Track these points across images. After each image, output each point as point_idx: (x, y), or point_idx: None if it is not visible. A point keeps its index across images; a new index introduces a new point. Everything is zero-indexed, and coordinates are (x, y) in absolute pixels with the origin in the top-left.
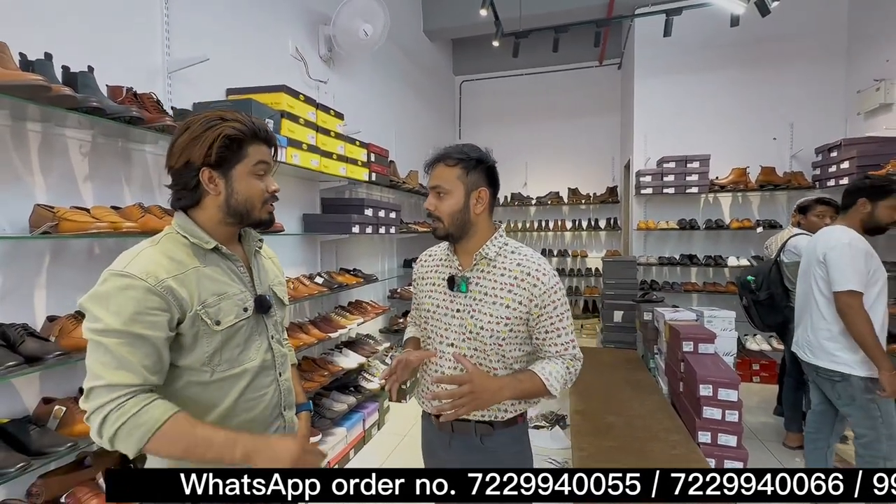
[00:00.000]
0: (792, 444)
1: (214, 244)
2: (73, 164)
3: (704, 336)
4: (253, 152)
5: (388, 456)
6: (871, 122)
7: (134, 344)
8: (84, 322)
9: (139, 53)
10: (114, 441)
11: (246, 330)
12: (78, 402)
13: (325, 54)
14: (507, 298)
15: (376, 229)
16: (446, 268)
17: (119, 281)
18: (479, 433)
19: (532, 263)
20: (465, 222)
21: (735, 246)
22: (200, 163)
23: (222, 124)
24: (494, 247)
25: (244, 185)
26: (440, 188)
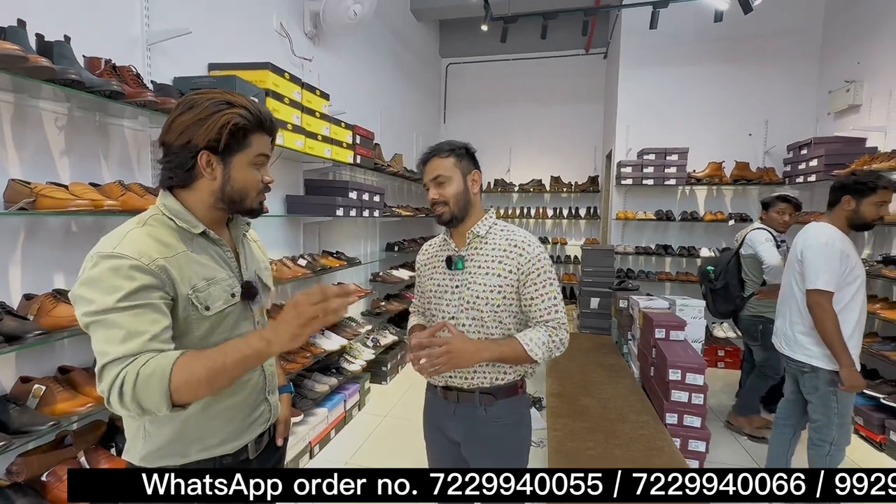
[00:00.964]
0: (733, 423)
1: (203, 229)
2: (49, 137)
3: (675, 323)
4: (256, 143)
5: (368, 436)
6: (841, 121)
7: (138, 312)
8: (78, 310)
9: (116, 23)
10: (140, 401)
11: (233, 316)
12: (57, 381)
13: (311, 31)
14: (497, 268)
15: (360, 212)
16: (444, 251)
17: (110, 262)
18: (482, 402)
19: (518, 237)
20: (467, 203)
21: (708, 237)
22: (203, 145)
23: (231, 110)
24: (485, 225)
25: (242, 175)
26: (441, 176)
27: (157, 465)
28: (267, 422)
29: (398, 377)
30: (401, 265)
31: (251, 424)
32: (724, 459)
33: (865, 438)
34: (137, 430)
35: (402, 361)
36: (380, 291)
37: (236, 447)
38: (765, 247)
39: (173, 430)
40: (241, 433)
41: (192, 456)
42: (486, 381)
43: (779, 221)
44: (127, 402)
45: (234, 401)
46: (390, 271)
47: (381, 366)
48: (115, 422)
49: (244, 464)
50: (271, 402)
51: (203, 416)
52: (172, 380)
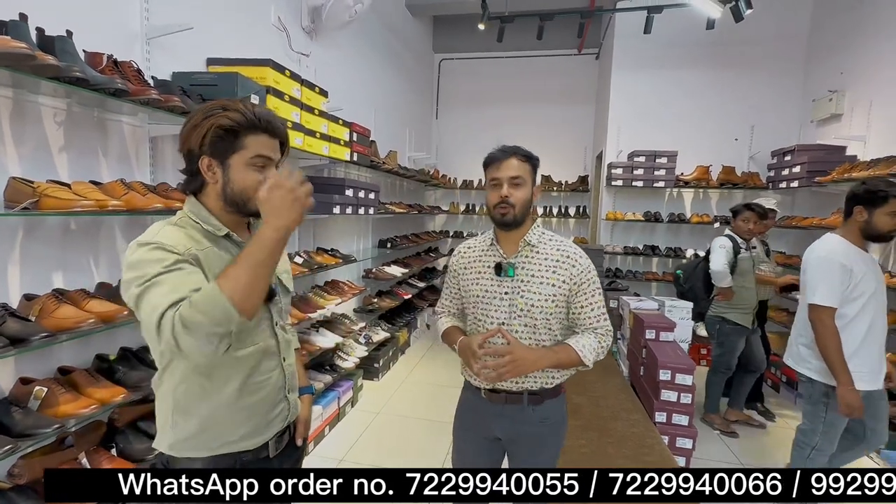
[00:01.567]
0: (731, 418)
1: (226, 231)
2: (48, 134)
3: (666, 325)
4: (252, 144)
5: (362, 432)
6: (823, 129)
7: (180, 273)
8: (127, 292)
9: (116, 17)
10: (207, 317)
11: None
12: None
13: (308, 26)
14: (552, 278)
15: (356, 210)
16: (490, 257)
17: (149, 247)
18: (530, 403)
19: (569, 248)
20: (528, 212)
21: (694, 239)
22: (199, 151)
23: (220, 114)
24: (535, 235)
25: (240, 176)
26: (519, 178)
27: (184, 454)
28: (286, 420)
29: (390, 374)
30: (393, 262)
31: (271, 422)
32: (710, 456)
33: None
34: (166, 420)
35: (395, 358)
36: (372, 288)
37: (256, 444)
38: (716, 253)
39: (199, 422)
40: (260, 430)
41: (216, 450)
42: (535, 386)
43: (744, 229)
44: (192, 327)
45: (256, 398)
46: (383, 268)
47: (373, 362)
48: (114, 422)
49: (264, 462)
50: (290, 400)
51: (226, 411)
52: (224, 290)
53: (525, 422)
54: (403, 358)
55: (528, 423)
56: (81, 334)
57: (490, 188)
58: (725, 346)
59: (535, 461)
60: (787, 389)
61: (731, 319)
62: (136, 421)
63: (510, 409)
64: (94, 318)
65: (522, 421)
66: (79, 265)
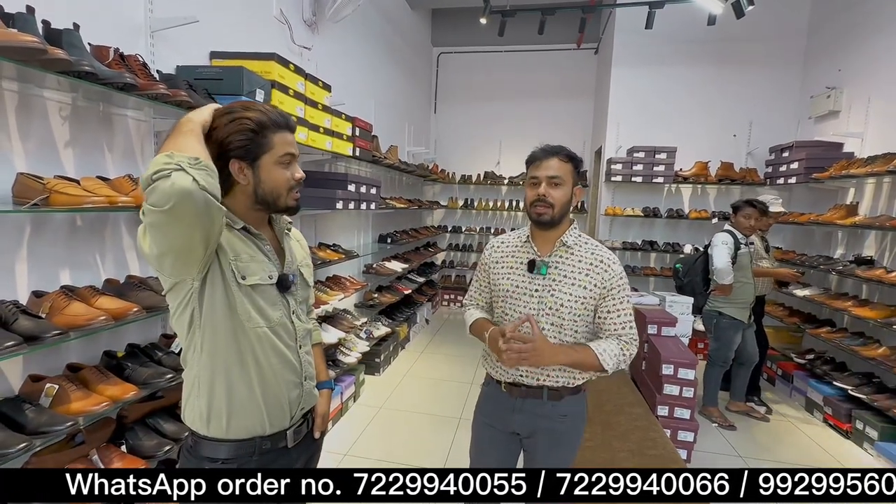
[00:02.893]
0: (733, 409)
1: (243, 224)
2: (53, 128)
3: (667, 320)
4: (279, 143)
5: (365, 426)
6: (821, 126)
7: None
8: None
9: (119, 9)
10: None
11: (267, 297)
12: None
13: (310, 18)
14: (584, 281)
15: (358, 205)
16: (523, 253)
17: None
18: (549, 398)
19: (604, 253)
20: (566, 212)
21: (692, 234)
22: (229, 154)
23: (245, 114)
24: (572, 236)
25: (271, 175)
26: (559, 178)
27: (207, 434)
28: (302, 407)
29: (391, 368)
30: (393, 257)
31: (287, 406)
32: (709, 448)
33: (833, 427)
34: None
35: (395, 353)
36: (372, 283)
37: (273, 430)
38: (717, 249)
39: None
40: (277, 417)
41: (233, 433)
42: (557, 383)
43: (745, 225)
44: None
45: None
46: (383, 263)
47: (374, 357)
48: (123, 419)
49: (283, 451)
50: (306, 388)
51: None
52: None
53: (544, 416)
54: (404, 353)
55: (547, 417)
56: (93, 332)
57: (529, 186)
58: (722, 340)
59: (551, 457)
60: (782, 383)
61: (728, 314)
62: (146, 417)
63: (530, 403)
64: (105, 316)
65: (541, 415)
66: (85, 262)
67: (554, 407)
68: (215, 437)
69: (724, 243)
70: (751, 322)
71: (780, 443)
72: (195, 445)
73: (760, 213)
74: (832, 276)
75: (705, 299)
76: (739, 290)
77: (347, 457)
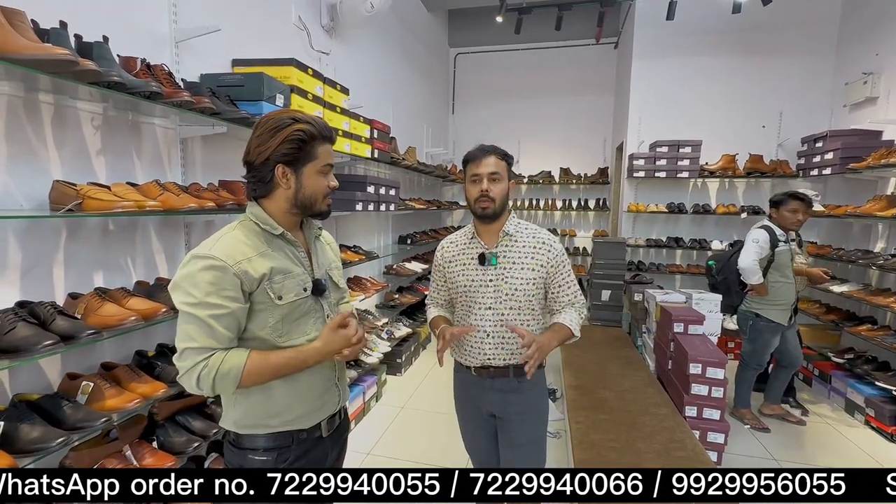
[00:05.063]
0: (767, 412)
1: (281, 231)
2: (86, 137)
3: (694, 318)
4: (322, 153)
5: (387, 426)
6: (856, 114)
7: (219, 316)
8: (176, 297)
9: (146, 22)
10: (214, 389)
11: (304, 307)
12: (104, 378)
13: (328, 24)
14: (532, 263)
15: (377, 206)
16: (472, 249)
17: (203, 262)
18: (515, 375)
19: (544, 235)
20: (505, 204)
21: (719, 230)
22: (276, 159)
23: (296, 125)
24: (512, 225)
25: (311, 182)
26: (498, 174)
27: (247, 432)
28: (337, 405)
29: (412, 368)
30: (413, 258)
31: (323, 405)
32: (742, 451)
33: (877, 430)
34: (230, 400)
35: (416, 353)
36: (393, 284)
37: (311, 423)
38: (748, 246)
39: (259, 402)
40: (313, 412)
41: (275, 427)
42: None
43: (791, 221)
44: (203, 387)
45: (307, 383)
46: (403, 264)
47: (396, 358)
48: (154, 416)
49: (318, 441)
50: (340, 387)
51: (282, 394)
52: (243, 380)
53: (513, 390)
54: (425, 353)
55: (515, 390)
56: (124, 331)
57: (470, 183)
58: (757, 343)
59: (524, 429)
60: (819, 383)
61: (767, 316)
62: (175, 415)
63: (498, 382)
64: (135, 316)
65: (510, 391)
66: (117, 265)
67: (520, 382)
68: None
69: (755, 241)
70: (792, 323)
71: (818, 446)
72: (237, 438)
73: (807, 207)
74: (872, 271)
75: (741, 298)
76: (778, 291)
77: (370, 456)
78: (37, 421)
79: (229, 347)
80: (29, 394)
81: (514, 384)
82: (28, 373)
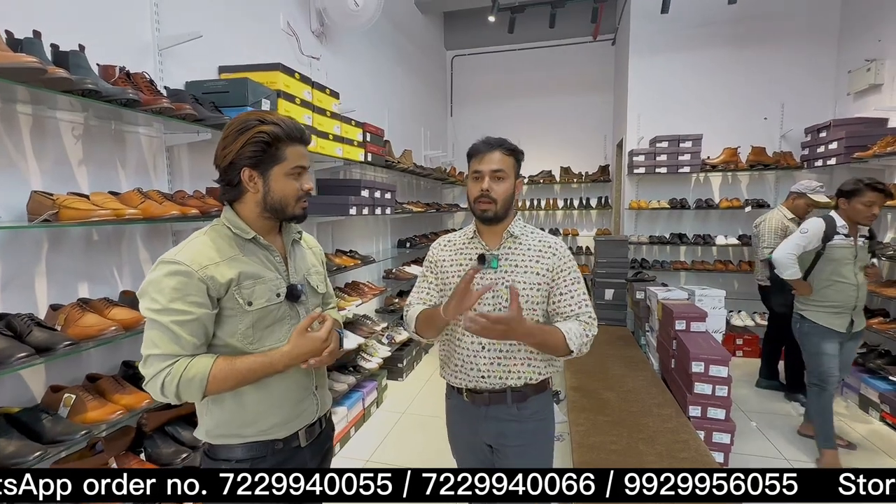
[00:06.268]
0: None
1: (253, 235)
2: (67, 147)
3: (696, 315)
4: (291, 155)
5: (388, 432)
6: (860, 102)
7: (183, 322)
8: (142, 303)
9: (128, 30)
10: (179, 396)
11: (277, 313)
12: (86, 390)
13: (317, 29)
14: (535, 267)
15: (372, 210)
16: (471, 249)
17: (169, 267)
18: (514, 401)
19: (549, 238)
20: (510, 206)
21: (723, 225)
22: (241, 163)
23: (260, 127)
24: (518, 227)
25: (280, 185)
26: (502, 172)
27: (220, 442)
28: (315, 413)
29: (414, 373)
30: (412, 261)
31: (300, 414)
32: (750, 451)
33: (893, 426)
34: (202, 408)
35: (418, 358)
36: (392, 288)
37: (287, 432)
38: (792, 236)
39: (231, 411)
40: (289, 420)
41: (249, 437)
42: (518, 381)
43: (865, 214)
44: (167, 393)
45: (281, 392)
46: (402, 268)
47: (396, 363)
48: (142, 427)
49: (296, 451)
50: (319, 396)
51: (255, 402)
52: (208, 387)
53: (512, 420)
54: (427, 357)
55: (515, 420)
56: (105, 341)
57: (472, 180)
58: (808, 349)
59: (524, 463)
60: None
61: (811, 319)
62: (164, 425)
63: (494, 409)
64: (116, 326)
65: (508, 419)
66: (102, 275)
67: (520, 409)
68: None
69: (803, 231)
70: (856, 332)
71: None
72: (212, 448)
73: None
74: (883, 262)
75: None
76: (827, 291)
77: (369, 463)
78: (14, 435)
79: (195, 354)
80: (9, 407)
81: (512, 412)
82: (11, 386)
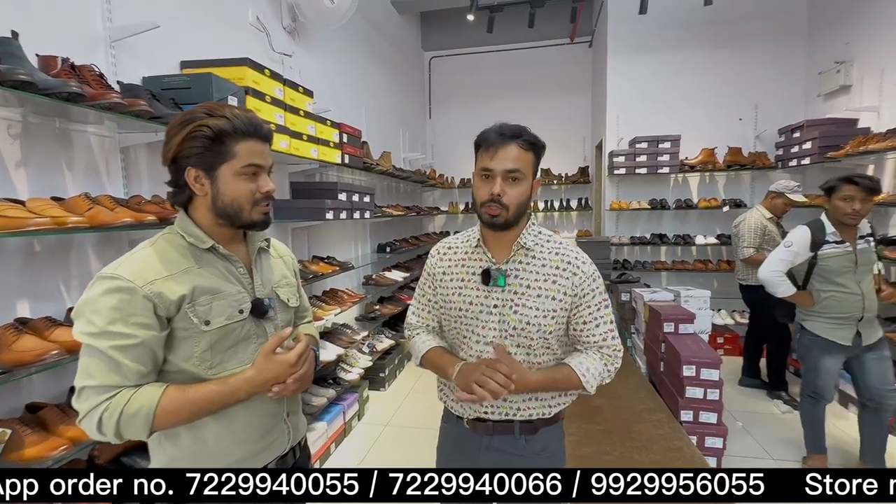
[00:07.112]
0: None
1: (211, 244)
2: (2, 148)
3: (684, 317)
4: (241, 151)
5: (370, 446)
6: (831, 103)
7: (125, 348)
8: (76, 326)
9: (74, 18)
10: (121, 434)
11: (240, 332)
12: (24, 423)
13: (289, 25)
14: (551, 290)
15: (350, 214)
16: (474, 261)
17: (107, 283)
18: (522, 433)
19: (570, 252)
20: (524, 213)
21: (702, 225)
22: (184, 161)
23: (204, 119)
24: (531, 235)
25: (231, 187)
26: (518, 173)
27: None
28: (287, 444)
29: (396, 383)
30: (393, 266)
31: (269, 446)
32: (737, 451)
33: None
34: (153, 444)
35: (401, 366)
36: (373, 295)
37: (255, 465)
38: (776, 251)
39: (187, 447)
40: (256, 454)
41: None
42: (530, 416)
43: (845, 211)
44: (105, 431)
45: (246, 422)
46: (383, 273)
47: (378, 372)
48: (94, 460)
49: None
50: (291, 424)
51: (215, 436)
52: (156, 421)
53: (517, 454)
54: (410, 365)
55: (521, 454)
56: (46, 367)
57: (479, 178)
58: (806, 362)
59: None
60: None
61: (812, 330)
62: (120, 456)
63: (499, 440)
64: (58, 349)
65: (514, 453)
66: (47, 291)
67: (528, 442)
68: None
69: (787, 245)
70: (863, 345)
71: None
72: None
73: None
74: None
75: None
76: (827, 302)
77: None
78: None
79: (140, 384)
80: None
81: (520, 445)
82: None
